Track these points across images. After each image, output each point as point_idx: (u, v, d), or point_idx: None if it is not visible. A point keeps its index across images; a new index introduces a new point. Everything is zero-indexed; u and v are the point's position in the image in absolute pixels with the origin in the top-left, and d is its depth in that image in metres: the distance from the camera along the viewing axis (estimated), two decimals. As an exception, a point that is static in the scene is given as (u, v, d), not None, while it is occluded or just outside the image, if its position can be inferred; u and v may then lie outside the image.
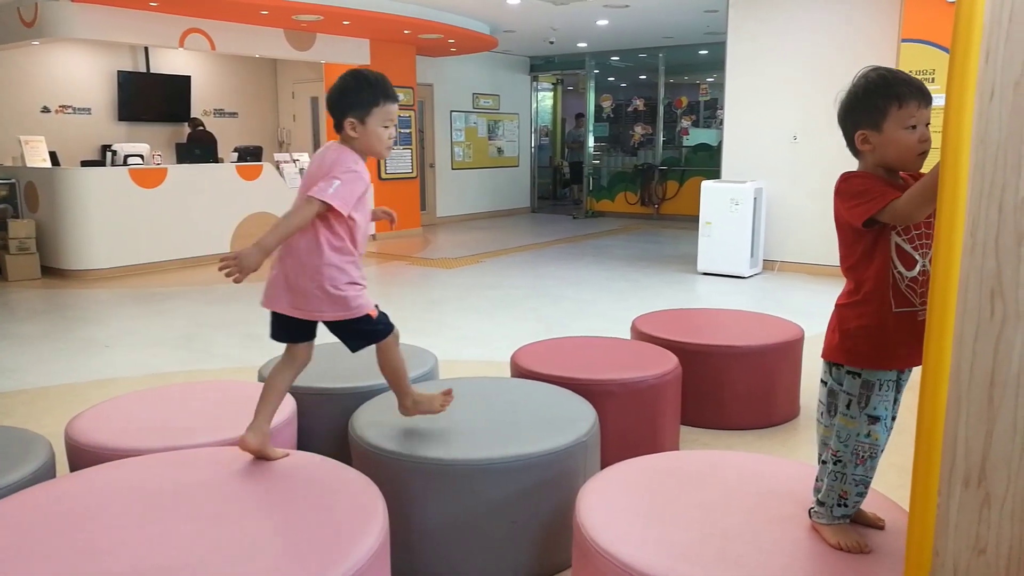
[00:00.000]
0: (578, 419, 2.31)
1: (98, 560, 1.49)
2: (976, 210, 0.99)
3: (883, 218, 1.55)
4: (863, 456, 1.63)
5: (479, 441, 2.15)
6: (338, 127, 2.09)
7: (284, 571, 1.45)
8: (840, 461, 1.65)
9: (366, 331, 2.14)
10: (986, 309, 1.00)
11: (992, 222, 0.98)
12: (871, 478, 1.67)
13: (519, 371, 2.89)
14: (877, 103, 1.60)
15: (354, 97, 2.10)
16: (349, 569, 1.48)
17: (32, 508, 1.70)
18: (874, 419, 1.62)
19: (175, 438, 2.22)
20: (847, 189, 1.62)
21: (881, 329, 1.61)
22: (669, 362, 2.91)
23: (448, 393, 2.31)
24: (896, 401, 1.67)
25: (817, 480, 1.72)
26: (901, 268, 1.61)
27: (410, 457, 2.07)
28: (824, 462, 1.69)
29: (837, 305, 1.72)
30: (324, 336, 2.16)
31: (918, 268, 1.63)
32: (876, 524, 1.74)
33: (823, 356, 1.71)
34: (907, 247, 1.61)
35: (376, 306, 2.14)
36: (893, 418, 1.69)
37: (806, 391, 3.57)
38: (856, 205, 1.58)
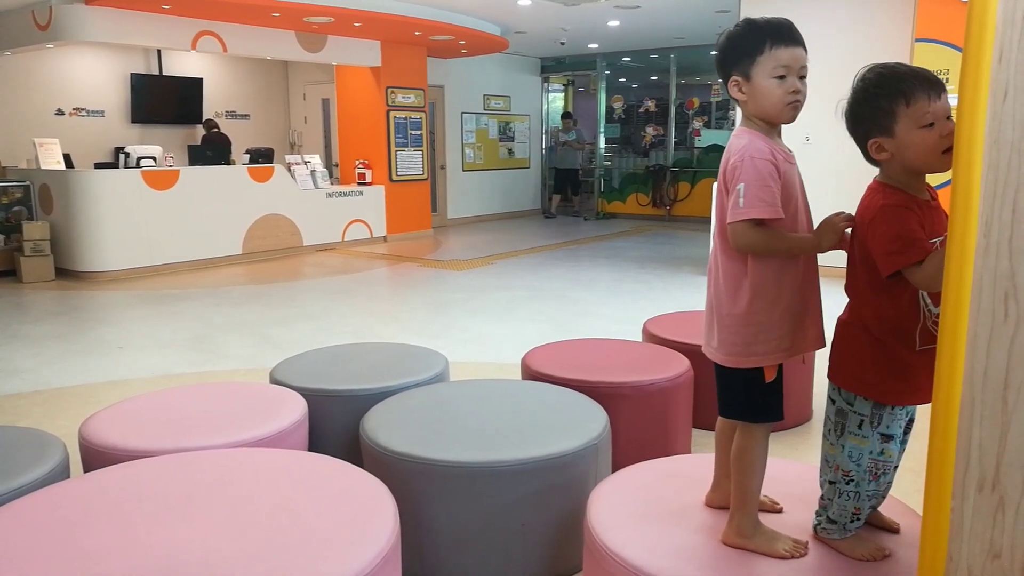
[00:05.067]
0: (589, 422, 2.31)
1: (111, 560, 1.50)
2: (989, 211, 0.98)
3: (905, 274, 1.43)
4: (877, 472, 1.57)
5: (489, 444, 2.15)
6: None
7: (295, 573, 1.45)
8: (852, 480, 1.58)
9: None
10: (1000, 311, 0.99)
11: (1006, 223, 0.97)
12: (884, 493, 1.63)
13: (529, 373, 2.89)
14: (882, 105, 1.46)
15: (731, 52, 1.63)
16: (360, 571, 1.48)
17: (47, 509, 1.72)
18: (888, 437, 1.55)
19: (188, 439, 2.23)
20: (883, 229, 1.46)
21: (901, 367, 1.51)
22: (681, 365, 2.89)
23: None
24: (908, 412, 1.60)
25: (823, 499, 1.65)
26: (930, 305, 1.49)
27: (421, 459, 2.07)
28: (833, 482, 1.61)
29: (843, 323, 1.61)
30: (336, 336, 2.16)
31: None
32: (891, 528, 1.73)
33: (830, 377, 1.61)
34: None
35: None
36: (911, 421, 1.65)
37: (818, 394, 3.55)
38: (890, 253, 1.44)
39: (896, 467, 1.68)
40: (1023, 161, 0.96)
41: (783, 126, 1.66)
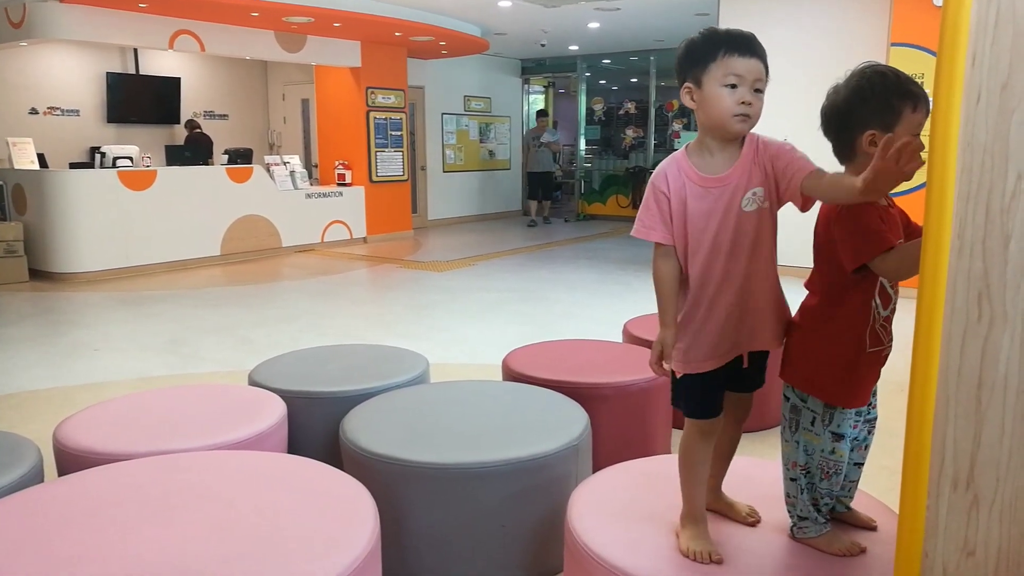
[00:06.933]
0: (570, 423, 2.31)
1: (86, 566, 1.47)
2: (963, 212, 1.00)
3: (871, 266, 1.48)
4: (828, 472, 1.62)
5: (470, 445, 2.14)
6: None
7: (274, 576, 1.44)
8: (809, 472, 1.63)
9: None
10: (973, 311, 1.00)
11: (979, 224, 0.99)
12: (836, 491, 1.67)
13: (510, 374, 2.89)
14: (893, 103, 1.49)
15: (686, 59, 1.61)
16: (340, 574, 1.47)
17: (19, 513, 1.69)
18: (839, 436, 1.60)
19: (164, 442, 2.20)
20: (848, 225, 1.50)
21: (851, 369, 1.57)
22: (660, 365, 2.90)
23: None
24: (860, 414, 1.64)
25: (789, 496, 1.68)
26: (880, 307, 1.56)
27: (401, 461, 2.07)
28: (793, 479, 1.66)
29: (795, 325, 1.66)
30: (316, 338, 2.15)
31: (891, 306, 1.58)
32: (868, 525, 1.75)
33: (783, 376, 1.66)
34: (887, 285, 1.56)
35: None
36: (873, 420, 1.69)
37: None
38: (855, 247, 1.47)
39: (860, 464, 1.72)
40: (996, 163, 0.97)
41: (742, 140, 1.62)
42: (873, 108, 1.51)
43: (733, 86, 1.54)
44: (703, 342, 1.64)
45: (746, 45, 1.55)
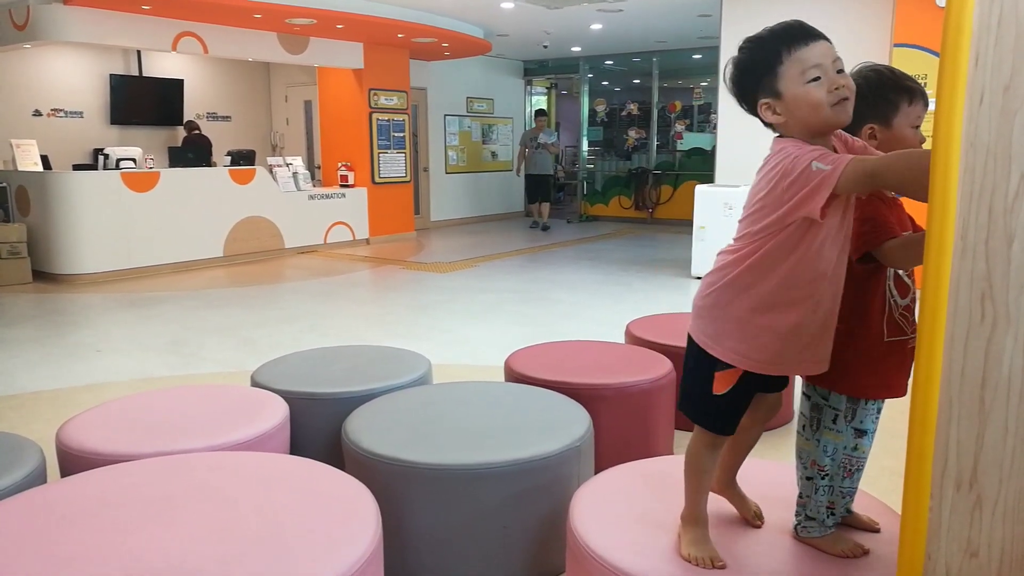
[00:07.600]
0: (572, 423, 2.31)
1: (88, 567, 1.48)
2: (966, 213, 0.99)
3: (876, 255, 1.49)
4: (851, 469, 1.62)
5: (472, 446, 2.14)
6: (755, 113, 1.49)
7: (276, 577, 1.44)
8: (827, 475, 1.62)
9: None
10: (976, 312, 1.00)
11: (982, 224, 0.99)
12: (857, 488, 1.67)
13: (513, 375, 2.89)
14: (889, 97, 1.57)
15: (748, 77, 1.46)
16: (342, 575, 1.47)
17: (22, 514, 1.69)
18: (861, 432, 1.60)
19: (167, 443, 2.21)
20: (855, 215, 1.49)
21: (871, 360, 1.57)
22: (663, 366, 2.90)
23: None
24: (880, 411, 1.65)
25: (802, 496, 1.67)
26: (897, 296, 1.57)
27: (403, 462, 2.07)
28: (810, 478, 1.64)
29: None
30: (318, 339, 2.15)
31: (911, 295, 1.58)
32: (871, 527, 1.74)
33: (804, 376, 1.66)
34: (904, 275, 1.58)
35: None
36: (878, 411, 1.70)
37: (799, 396, 3.57)
38: (860, 235, 1.49)
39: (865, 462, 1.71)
40: (999, 164, 0.97)
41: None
42: (871, 104, 1.57)
43: (817, 78, 1.38)
44: (792, 343, 1.49)
45: (804, 32, 1.41)
